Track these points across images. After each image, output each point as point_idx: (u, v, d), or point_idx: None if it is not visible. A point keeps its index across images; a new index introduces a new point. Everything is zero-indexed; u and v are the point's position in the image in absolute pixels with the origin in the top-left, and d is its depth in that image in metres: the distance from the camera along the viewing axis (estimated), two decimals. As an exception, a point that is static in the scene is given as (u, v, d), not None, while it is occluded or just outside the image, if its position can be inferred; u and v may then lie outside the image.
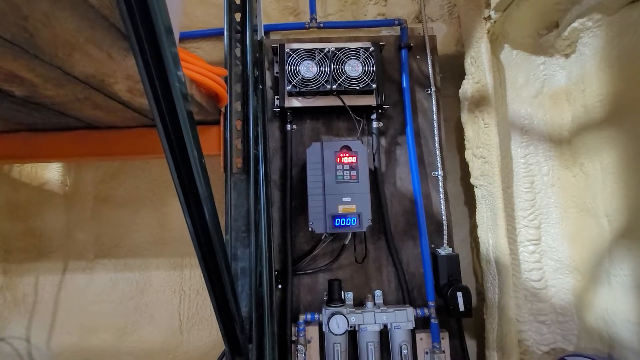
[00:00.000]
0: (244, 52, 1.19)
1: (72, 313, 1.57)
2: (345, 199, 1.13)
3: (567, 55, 1.18)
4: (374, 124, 1.33)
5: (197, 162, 0.66)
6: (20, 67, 0.67)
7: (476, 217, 1.35)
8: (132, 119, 1.08)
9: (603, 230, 1.03)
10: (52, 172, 1.64)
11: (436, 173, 1.32)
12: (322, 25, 1.46)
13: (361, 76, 1.23)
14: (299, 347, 1.17)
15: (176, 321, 1.57)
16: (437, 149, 1.32)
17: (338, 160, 1.16)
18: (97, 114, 1.02)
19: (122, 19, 0.55)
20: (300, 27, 1.46)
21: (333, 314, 1.14)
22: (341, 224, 1.12)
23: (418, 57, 1.42)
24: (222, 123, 1.18)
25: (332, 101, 1.27)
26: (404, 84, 1.36)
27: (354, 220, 1.12)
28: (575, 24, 1.07)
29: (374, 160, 1.32)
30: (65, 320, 1.57)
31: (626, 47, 0.95)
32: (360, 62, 1.24)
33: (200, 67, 0.95)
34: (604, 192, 1.02)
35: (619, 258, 0.97)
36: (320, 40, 1.42)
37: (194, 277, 1.59)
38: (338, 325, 1.12)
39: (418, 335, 1.22)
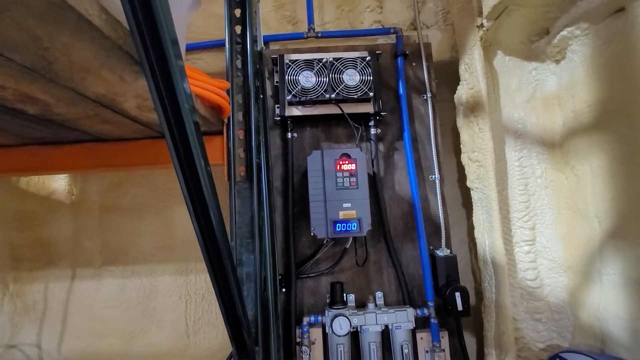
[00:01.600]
0: (244, 63, 1.23)
1: (81, 319, 1.61)
2: (345, 205, 1.17)
3: (557, 61, 1.22)
4: (372, 131, 1.37)
5: (204, 171, 0.70)
6: (36, 89, 0.71)
7: (473, 218, 1.39)
8: (139, 131, 1.12)
9: (594, 230, 1.07)
10: (59, 182, 1.68)
11: (433, 177, 1.36)
12: (319, 34, 1.50)
13: (359, 85, 1.27)
14: (304, 348, 1.21)
15: (183, 325, 1.61)
16: (433, 154, 1.36)
17: (338, 168, 1.20)
18: (106, 128, 1.06)
19: (131, 36, 0.58)
20: (298, 37, 1.50)
21: (336, 316, 1.17)
22: (342, 229, 1.16)
23: (414, 64, 1.46)
24: (225, 133, 1.22)
25: (331, 109, 1.31)
26: (401, 91, 1.40)
27: (354, 225, 1.16)
28: (564, 32, 1.11)
29: (372, 166, 1.36)
30: (75, 325, 1.61)
31: (612, 55, 0.99)
32: (358, 72, 1.28)
33: (204, 81, 0.99)
34: (594, 194, 1.06)
35: (609, 257, 1.01)
36: (319, 49, 1.46)
37: (199, 281, 1.63)
38: (341, 326, 1.16)
39: (418, 335, 1.26)
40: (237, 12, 1.25)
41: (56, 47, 0.55)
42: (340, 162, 1.20)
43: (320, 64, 1.28)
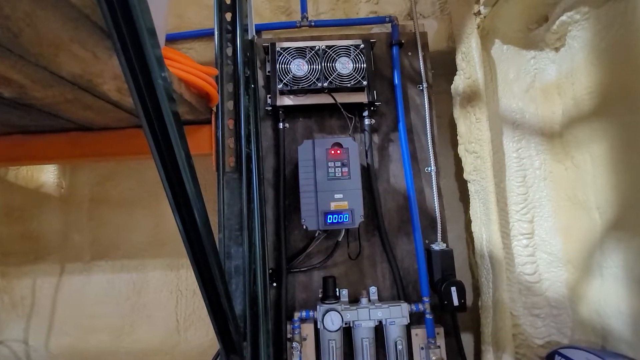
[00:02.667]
0: (235, 51, 1.19)
1: (69, 314, 1.58)
2: (337, 196, 1.13)
3: (557, 49, 1.19)
4: (366, 121, 1.33)
5: (184, 162, 0.67)
6: (7, 68, 0.67)
7: (470, 212, 1.35)
8: (124, 119, 1.09)
9: (594, 222, 1.03)
10: (48, 175, 1.65)
11: (429, 169, 1.32)
12: (313, 23, 1.46)
13: (352, 73, 1.24)
14: (295, 344, 1.17)
15: (173, 321, 1.57)
16: (429, 145, 1.32)
17: (329, 157, 1.16)
18: (88, 114, 1.02)
19: (104, 21, 0.55)
20: (291, 26, 1.47)
21: (327, 311, 1.14)
22: (333, 220, 1.12)
23: (410, 53, 1.42)
24: (213, 122, 1.18)
25: (323, 99, 1.28)
26: (396, 81, 1.36)
27: (346, 216, 1.12)
28: (563, 17, 1.07)
29: (366, 157, 1.32)
30: (63, 321, 1.58)
31: (613, 39, 0.95)
32: (351, 60, 1.24)
33: (190, 66, 0.96)
34: (595, 184, 1.02)
35: (610, 250, 0.97)
36: (312, 38, 1.42)
37: (190, 277, 1.59)
38: (332, 321, 1.12)
39: (413, 331, 1.22)
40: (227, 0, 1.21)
41: (18, 16, 0.52)
42: (332, 152, 1.16)
43: (313, 51, 1.25)
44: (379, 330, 1.21)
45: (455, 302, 1.16)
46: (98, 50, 0.65)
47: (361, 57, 1.25)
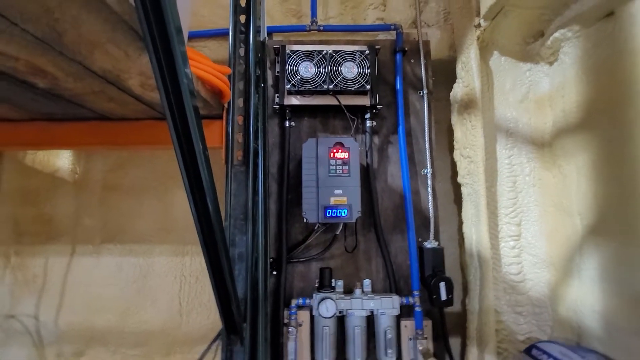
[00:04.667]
0: (247, 52, 1.27)
1: (78, 294, 1.66)
2: (337, 192, 1.21)
3: (550, 63, 1.26)
4: (368, 123, 1.41)
5: (201, 153, 0.74)
6: (46, 62, 0.75)
7: (462, 213, 1.43)
8: (142, 111, 1.17)
9: (576, 227, 1.10)
10: (63, 161, 1.73)
11: (425, 171, 1.40)
12: (322, 28, 1.54)
13: (356, 77, 1.31)
14: (291, 329, 1.25)
15: (176, 305, 1.65)
16: (427, 148, 1.40)
17: (331, 156, 1.24)
18: (111, 106, 1.11)
19: (139, 21, 0.63)
20: (301, 29, 1.54)
21: (323, 299, 1.21)
22: (332, 214, 1.20)
23: (412, 60, 1.49)
24: (224, 118, 1.26)
25: (328, 100, 1.35)
26: (398, 86, 1.43)
27: (344, 211, 1.20)
28: (557, 34, 1.15)
29: (366, 157, 1.40)
30: (72, 300, 1.66)
31: (600, 57, 1.03)
32: (356, 64, 1.32)
33: (206, 65, 1.04)
34: (578, 192, 1.10)
35: (588, 253, 1.05)
36: (320, 42, 1.50)
37: (194, 264, 1.67)
38: (327, 309, 1.20)
39: (403, 323, 1.29)
40: (242, 2, 1.29)
41: (66, 19, 0.60)
42: (334, 150, 1.24)
43: (320, 55, 1.32)
44: (371, 320, 1.29)
45: (443, 296, 1.23)
46: (130, 50, 0.73)
47: (366, 62, 1.32)
